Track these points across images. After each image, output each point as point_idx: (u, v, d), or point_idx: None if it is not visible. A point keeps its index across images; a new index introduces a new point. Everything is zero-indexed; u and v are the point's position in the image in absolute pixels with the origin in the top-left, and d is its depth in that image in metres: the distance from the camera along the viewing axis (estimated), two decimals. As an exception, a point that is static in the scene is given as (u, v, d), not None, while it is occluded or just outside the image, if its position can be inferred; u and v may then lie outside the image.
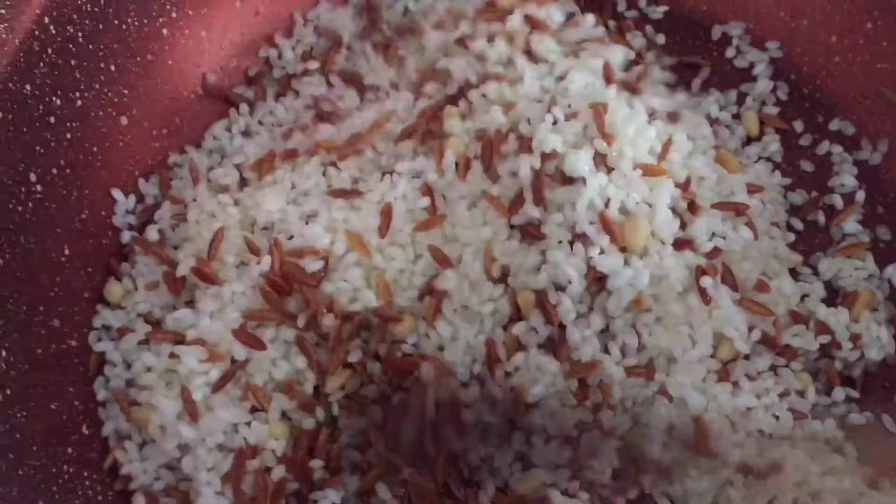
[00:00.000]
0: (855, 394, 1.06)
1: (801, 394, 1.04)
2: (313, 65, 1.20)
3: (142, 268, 1.08)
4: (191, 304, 1.04)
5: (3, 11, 0.97)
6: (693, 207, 1.06)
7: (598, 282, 1.00)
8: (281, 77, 1.24)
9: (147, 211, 1.12)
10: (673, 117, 1.15)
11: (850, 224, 1.16)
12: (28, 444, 0.91)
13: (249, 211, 1.06)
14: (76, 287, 1.05)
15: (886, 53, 1.19)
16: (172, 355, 0.98)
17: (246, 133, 1.19)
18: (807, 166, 1.20)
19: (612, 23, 1.27)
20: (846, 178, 1.19)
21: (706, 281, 1.01)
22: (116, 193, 1.11)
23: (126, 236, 1.10)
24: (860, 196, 1.17)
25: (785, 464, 0.97)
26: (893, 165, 1.18)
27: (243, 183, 1.11)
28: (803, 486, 0.96)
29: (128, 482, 0.98)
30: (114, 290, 1.06)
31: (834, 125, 1.22)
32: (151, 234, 1.09)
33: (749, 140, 1.22)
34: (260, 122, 1.20)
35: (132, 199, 1.13)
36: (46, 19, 0.99)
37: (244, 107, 1.21)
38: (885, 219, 1.17)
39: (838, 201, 1.18)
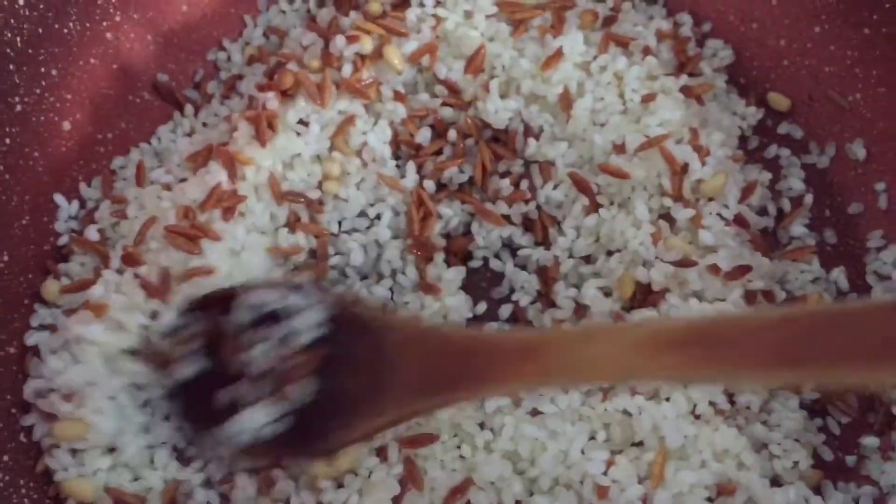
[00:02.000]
0: None
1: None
2: (259, 68, 1.19)
3: (78, 267, 1.07)
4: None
5: (-64, 16, 0.96)
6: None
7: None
8: (227, 79, 1.23)
9: (89, 215, 1.11)
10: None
11: (797, 227, 1.16)
12: (-39, 453, 0.91)
13: (177, 200, 1.05)
14: (15, 293, 1.04)
15: (834, 57, 1.19)
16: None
17: (190, 134, 1.18)
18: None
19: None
20: (794, 182, 1.19)
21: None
22: (59, 199, 1.10)
23: (65, 238, 1.09)
24: (808, 199, 1.17)
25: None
26: (840, 169, 1.19)
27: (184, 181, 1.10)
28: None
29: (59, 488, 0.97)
30: (50, 287, 1.05)
31: (783, 129, 1.23)
32: (91, 234, 1.08)
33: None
34: (204, 125, 1.19)
35: (75, 204, 1.12)
36: (-17, 24, 0.98)
37: (189, 108, 1.20)
38: (832, 222, 1.17)
39: (786, 204, 1.18)
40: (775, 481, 1.01)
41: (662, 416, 0.96)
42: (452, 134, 1.15)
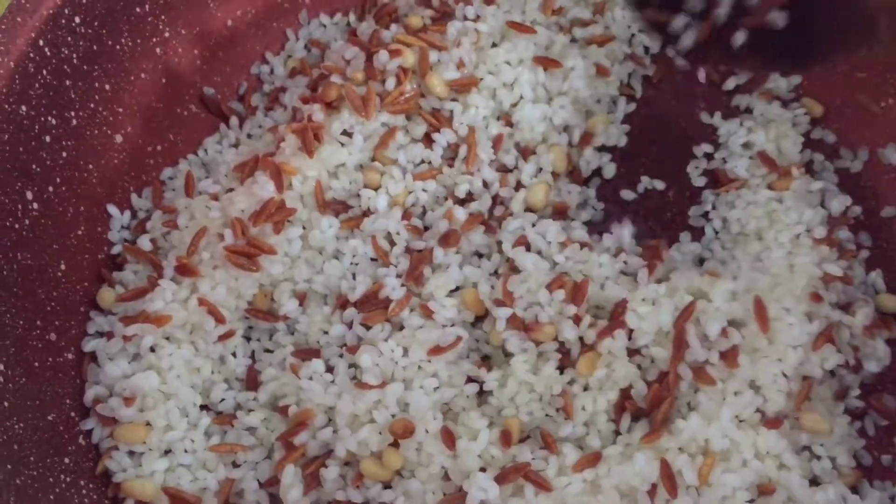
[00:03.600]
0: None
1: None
2: (302, 80, 1.22)
3: (132, 275, 1.11)
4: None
5: (-2, 35, 1.00)
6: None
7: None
8: (271, 91, 1.27)
9: (141, 225, 1.15)
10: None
11: (842, 232, 1.17)
12: (25, 454, 0.94)
13: (226, 210, 1.09)
14: (72, 301, 1.08)
15: (866, 63, 1.21)
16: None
17: (236, 146, 1.22)
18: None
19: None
20: (830, 186, 1.21)
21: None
22: (112, 209, 1.14)
23: (118, 248, 1.13)
24: (856, 210, 1.19)
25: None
26: (873, 173, 1.21)
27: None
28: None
29: (118, 489, 1.01)
30: (106, 296, 1.09)
31: (816, 134, 1.25)
32: (144, 243, 1.11)
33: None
34: (249, 136, 1.22)
35: (127, 214, 1.16)
36: (41, 42, 1.02)
37: (234, 120, 1.24)
38: (866, 225, 1.19)
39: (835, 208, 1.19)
40: (814, 482, 1.03)
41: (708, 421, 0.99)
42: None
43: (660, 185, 1.23)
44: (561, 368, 1.02)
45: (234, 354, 1.08)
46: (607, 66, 1.24)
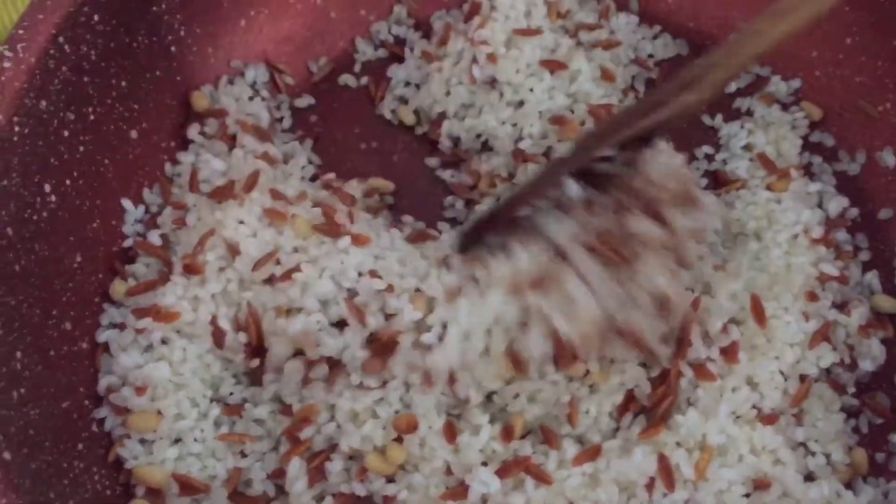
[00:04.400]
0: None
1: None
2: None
3: (143, 269, 1.13)
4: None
5: (20, 32, 1.02)
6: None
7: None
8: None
9: (153, 220, 1.17)
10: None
11: (840, 234, 1.20)
12: (41, 439, 0.96)
13: (232, 213, 1.10)
14: (87, 292, 1.10)
15: (864, 67, 1.24)
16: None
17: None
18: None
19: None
20: (829, 189, 1.23)
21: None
22: (126, 203, 1.17)
23: (130, 241, 1.16)
24: (853, 212, 1.22)
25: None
26: (871, 176, 1.23)
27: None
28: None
29: (130, 475, 1.03)
30: (118, 288, 1.11)
31: (815, 137, 1.27)
32: (154, 238, 1.14)
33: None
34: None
35: (141, 208, 1.19)
36: (61, 39, 1.04)
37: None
38: (863, 226, 1.21)
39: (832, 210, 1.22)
40: (809, 478, 1.05)
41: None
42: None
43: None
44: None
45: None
46: (613, 70, 1.26)
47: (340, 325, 1.04)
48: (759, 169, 1.22)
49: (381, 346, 1.00)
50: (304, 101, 1.32)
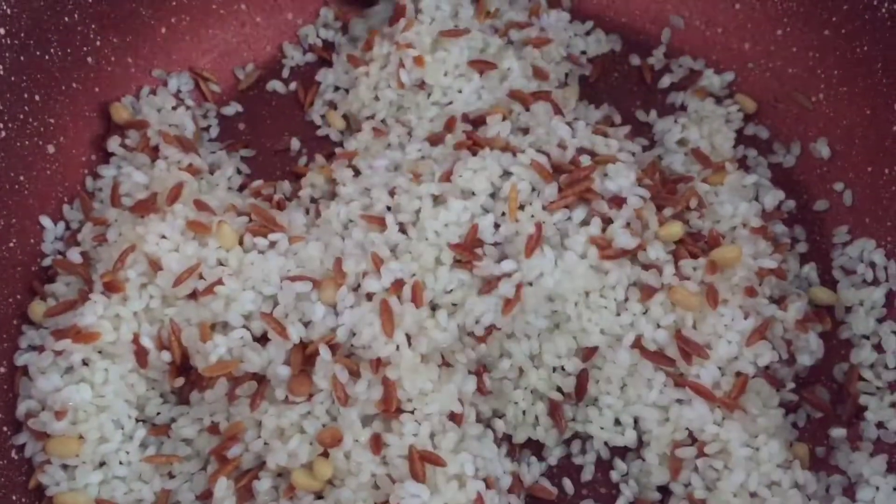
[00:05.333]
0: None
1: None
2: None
3: (63, 287, 1.10)
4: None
5: (-80, 48, 0.99)
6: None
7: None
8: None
9: (73, 237, 1.14)
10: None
11: (777, 226, 1.18)
12: (-46, 471, 0.93)
13: (154, 228, 1.07)
14: (4, 314, 1.06)
15: (796, 59, 1.23)
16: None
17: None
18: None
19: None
20: (763, 181, 1.22)
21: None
22: (45, 220, 1.13)
23: (49, 260, 1.12)
24: (790, 204, 1.20)
25: None
26: (806, 167, 1.22)
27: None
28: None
29: (52, 502, 1.00)
30: (36, 308, 1.08)
31: (749, 130, 1.26)
32: (74, 256, 1.10)
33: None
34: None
35: (61, 225, 1.15)
36: (-35, 55, 1.01)
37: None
38: (799, 218, 1.20)
39: (768, 203, 1.20)
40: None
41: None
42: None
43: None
44: None
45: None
46: (545, 68, 1.24)
47: (264, 338, 1.02)
48: (695, 163, 1.21)
49: (304, 359, 0.97)
50: (232, 108, 1.29)
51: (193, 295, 1.05)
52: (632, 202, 1.06)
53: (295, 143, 1.27)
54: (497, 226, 1.07)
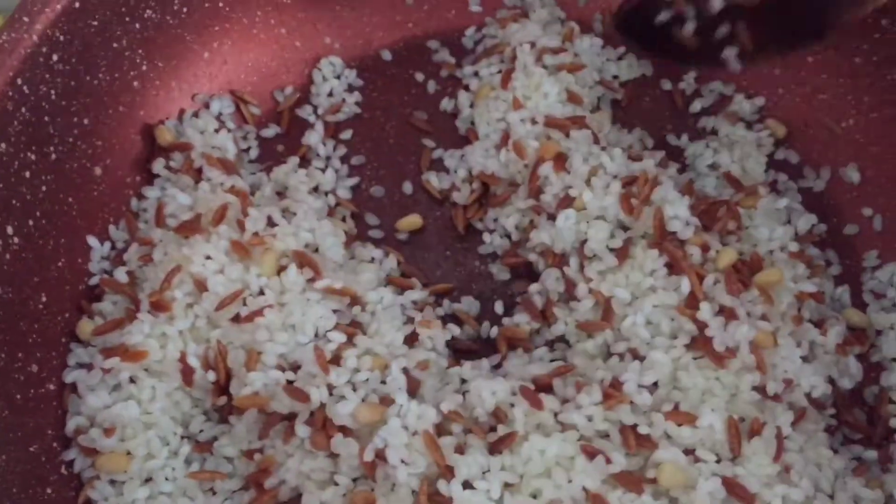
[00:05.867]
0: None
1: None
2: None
3: (110, 306, 1.12)
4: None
5: (-23, 75, 1.02)
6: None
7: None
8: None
9: (119, 256, 1.17)
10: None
11: (812, 249, 1.20)
12: (9, 486, 0.96)
13: (199, 248, 1.10)
14: (53, 333, 1.09)
15: (827, 85, 1.25)
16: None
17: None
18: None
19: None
20: (795, 205, 1.24)
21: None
22: (92, 241, 1.16)
23: (96, 279, 1.15)
24: (821, 228, 1.22)
25: None
26: (836, 192, 1.24)
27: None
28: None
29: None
30: (84, 327, 1.10)
31: (780, 154, 1.28)
32: (120, 275, 1.13)
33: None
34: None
35: (107, 245, 1.18)
36: (19, 80, 1.04)
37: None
38: (830, 243, 1.22)
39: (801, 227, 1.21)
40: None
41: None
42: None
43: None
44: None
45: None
46: (579, 92, 1.27)
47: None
48: (727, 187, 1.23)
49: (321, 421, 1.00)
50: (271, 130, 1.32)
51: (237, 318, 1.08)
52: (685, 232, 1.08)
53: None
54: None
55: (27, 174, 1.07)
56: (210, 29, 1.28)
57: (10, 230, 1.04)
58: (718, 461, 0.98)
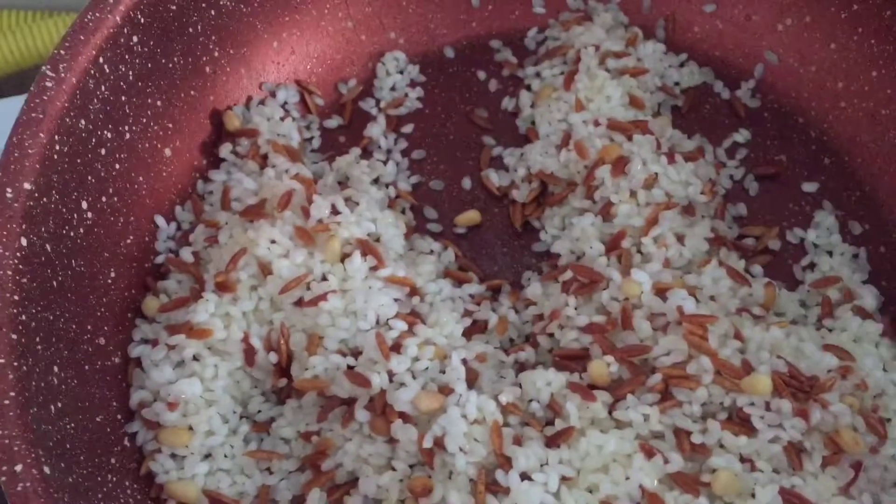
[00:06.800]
0: None
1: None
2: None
3: (175, 285, 1.15)
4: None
5: (62, 52, 1.04)
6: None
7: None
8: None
9: (184, 237, 1.19)
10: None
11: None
12: (76, 453, 0.98)
13: (264, 232, 1.12)
14: (120, 307, 1.12)
15: (891, 100, 1.25)
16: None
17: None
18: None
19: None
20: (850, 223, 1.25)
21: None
22: (159, 220, 1.19)
23: (162, 258, 1.17)
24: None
25: None
26: (894, 207, 1.25)
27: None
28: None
29: (161, 490, 1.05)
30: (150, 304, 1.13)
31: (839, 168, 1.29)
32: (186, 255, 1.15)
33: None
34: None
35: (173, 225, 1.20)
36: (101, 59, 1.07)
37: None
38: (887, 258, 1.23)
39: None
40: None
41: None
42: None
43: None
44: None
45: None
46: (641, 96, 1.28)
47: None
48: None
49: (381, 407, 1.01)
50: (334, 121, 1.34)
51: (299, 302, 1.10)
52: None
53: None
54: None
55: (103, 151, 1.09)
56: (280, 19, 1.30)
57: (84, 205, 1.07)
58: (776, 472, 0.99)
